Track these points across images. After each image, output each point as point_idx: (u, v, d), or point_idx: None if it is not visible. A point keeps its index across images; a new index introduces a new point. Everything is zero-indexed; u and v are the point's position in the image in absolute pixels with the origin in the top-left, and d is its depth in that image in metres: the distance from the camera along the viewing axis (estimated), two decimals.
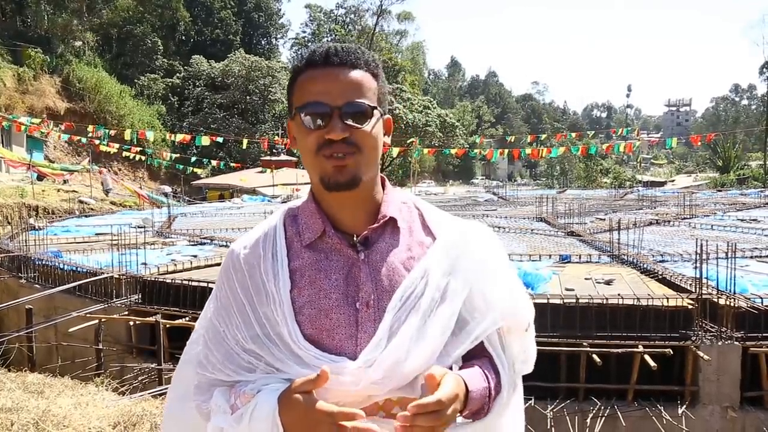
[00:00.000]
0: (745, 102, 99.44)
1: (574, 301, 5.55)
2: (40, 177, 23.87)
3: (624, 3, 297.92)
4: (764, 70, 55.42)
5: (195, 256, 9.10)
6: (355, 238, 1.18)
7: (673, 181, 53.43)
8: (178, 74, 42.81)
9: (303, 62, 1.17)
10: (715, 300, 5.58)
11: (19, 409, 3.58)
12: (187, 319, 6.43)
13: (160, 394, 4.69)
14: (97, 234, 12.09)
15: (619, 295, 5.61)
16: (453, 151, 35.46)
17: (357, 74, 1.15)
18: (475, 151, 37.98)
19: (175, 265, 8.23)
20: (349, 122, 1.12)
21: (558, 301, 5.58)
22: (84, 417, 3.53)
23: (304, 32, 57.29)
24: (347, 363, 1.08)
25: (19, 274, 8.88)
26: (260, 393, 1.09)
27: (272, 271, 1.16)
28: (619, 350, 5.25)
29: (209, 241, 11.27)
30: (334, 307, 1.13)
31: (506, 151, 29.29)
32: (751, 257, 8.33)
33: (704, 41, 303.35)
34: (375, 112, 1.16)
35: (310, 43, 55.87)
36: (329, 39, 54.55)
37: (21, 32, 34.09)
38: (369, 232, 1.18)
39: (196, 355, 1.23)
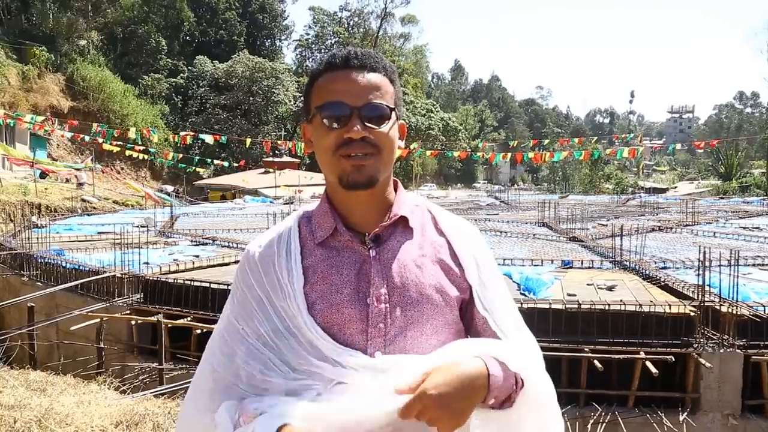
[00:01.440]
0: (748, 110, 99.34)
1: (576, 306, 5.56)
2: (43, 175, 23.90)
3: (628, 9, 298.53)
4: None
5: (197, 256, 9.12)
6: (366, 236, 1.19)
7: (675, 187, 53.33)
8: (181, 74, 42.93)
9: (322, 65, 1.19)
10: (717, 307, 5.58)
11: (21, 407, 3.59)
12: (189, 319, 6.44)
13: (162, 394, 4.70)
14: (99, 233, 12.12)
15: (621, 301, 5.62)
16: (456, 154, 35.51)
17: (376, 77, 1.17)
18: (478, 154, 37.98)
19: (177, 264, 8.25)
20: (368, 123, 1.14)
21: (560, 307, 5.59)
22: (86, 415, 3.53)
23: (308, 34, 57.32)
24: (364, 358, 1.09)
25: (21, 272, 8.89)
26: (261, 416, 1.07)
27: (286, 267, 1.18)
28: (621, 356, 5.25)
29: (211, 241, 11.27)
30: (345, 302, 1.15)
31: (509, 155, 29.26)
32: (754, 265, 8.31)
33: (707, 48, 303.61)
34: (393, 114, 1.18)
35: (313, 45, 56.09)
36: (332, 41, 54.53)
37: (26, 30, 34.17)
38: (380, 230, 1.20)
39: (215, 359, 1.23)
